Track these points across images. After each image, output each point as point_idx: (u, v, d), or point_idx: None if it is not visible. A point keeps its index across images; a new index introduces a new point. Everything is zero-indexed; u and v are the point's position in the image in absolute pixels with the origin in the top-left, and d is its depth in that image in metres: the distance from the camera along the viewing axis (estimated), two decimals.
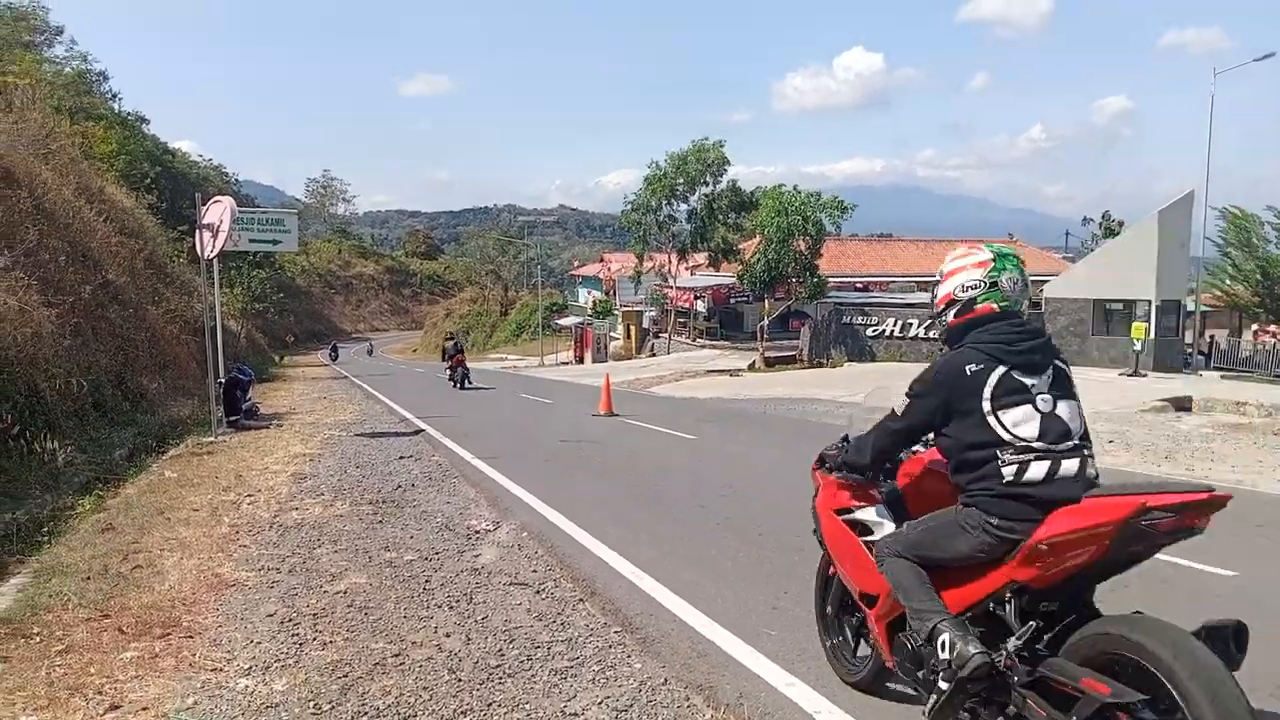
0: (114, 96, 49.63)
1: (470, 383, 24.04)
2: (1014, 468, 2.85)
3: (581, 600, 5.08)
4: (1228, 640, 2.50)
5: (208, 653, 4.25)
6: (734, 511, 7.42)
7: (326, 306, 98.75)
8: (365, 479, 9.01)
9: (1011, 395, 2.90)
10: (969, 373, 2.95)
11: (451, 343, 25.69)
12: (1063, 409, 2.92)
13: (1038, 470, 2.83)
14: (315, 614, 4.81)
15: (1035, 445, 2.85)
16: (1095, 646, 2.60)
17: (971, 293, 3.08)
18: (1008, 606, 2.90)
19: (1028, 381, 2.93)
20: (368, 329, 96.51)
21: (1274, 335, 35.73)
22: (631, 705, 3.67)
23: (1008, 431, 2.87)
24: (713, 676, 3.99)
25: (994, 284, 3.07)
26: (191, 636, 4.47)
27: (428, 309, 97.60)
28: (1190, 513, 2.54)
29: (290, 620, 4.70)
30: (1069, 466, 2.85)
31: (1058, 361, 3.02)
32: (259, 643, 4.38)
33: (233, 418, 13.53)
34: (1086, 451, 2.92)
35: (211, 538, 6.52)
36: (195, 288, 23.95)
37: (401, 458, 10.48)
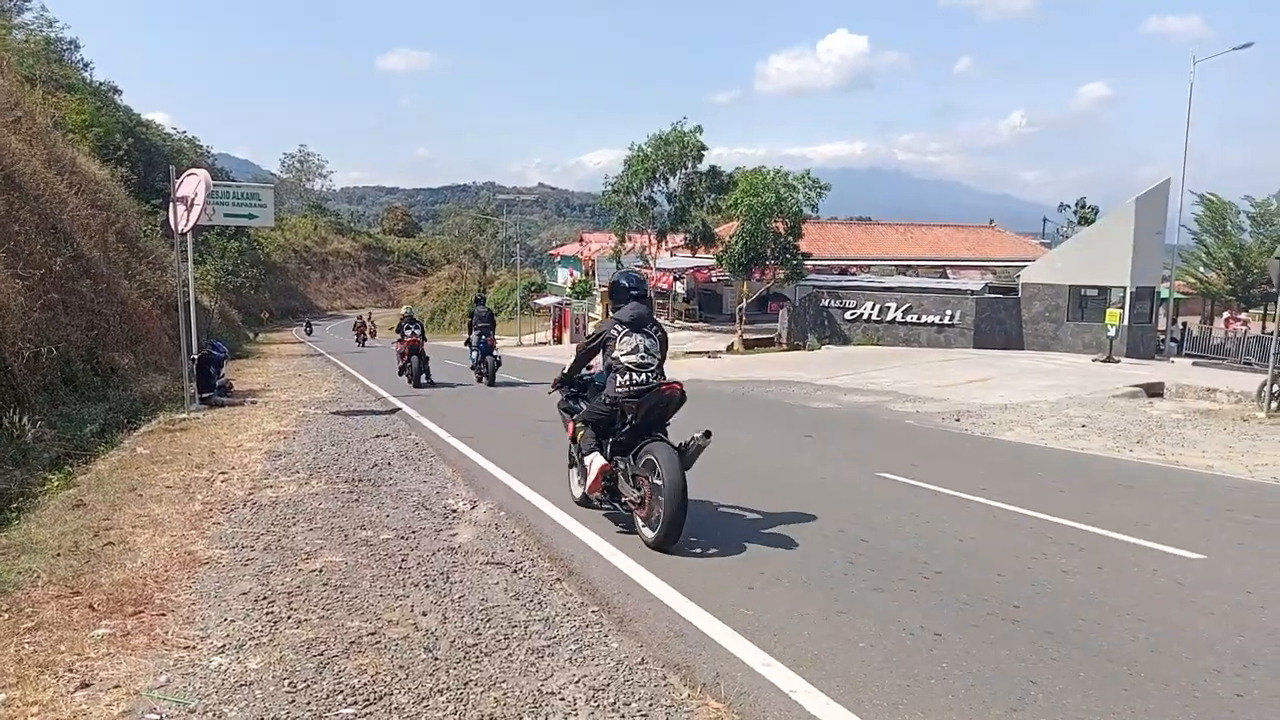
0: (86, 66, 48.61)
1: (367, 346, 38.77)
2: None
3: (559, 579, 5.08)
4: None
5: (180, 630, 4.21)
6: (713, 493, 7.44)
7: (302, 283, 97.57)
8: (341, 457, 8.94)
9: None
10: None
11: (364, 320, 44.03)
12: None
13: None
14: (290, 592, 4.78)
15: None
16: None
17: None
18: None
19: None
20: (344, 306, 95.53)
21: (1244, 323, 36.26)
22: (609, 684, 3.68)
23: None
24: (690, 656, 4.00)
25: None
26: (164, 614, 4.42)
27: (405, 287, 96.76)
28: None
29: (265, 598, 4.67)
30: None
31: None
32: (233, 621, 4.35)
33: (206, 394, 13.39)
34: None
35: (184, 515, 6.45)
36: (168, 262, 23.60)
37: (378, 436, 10.42)
